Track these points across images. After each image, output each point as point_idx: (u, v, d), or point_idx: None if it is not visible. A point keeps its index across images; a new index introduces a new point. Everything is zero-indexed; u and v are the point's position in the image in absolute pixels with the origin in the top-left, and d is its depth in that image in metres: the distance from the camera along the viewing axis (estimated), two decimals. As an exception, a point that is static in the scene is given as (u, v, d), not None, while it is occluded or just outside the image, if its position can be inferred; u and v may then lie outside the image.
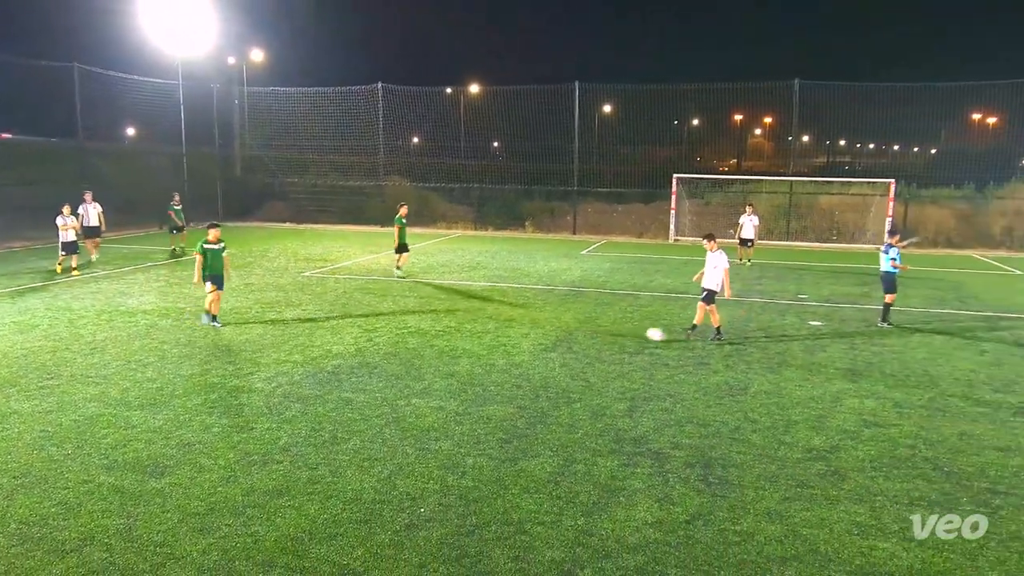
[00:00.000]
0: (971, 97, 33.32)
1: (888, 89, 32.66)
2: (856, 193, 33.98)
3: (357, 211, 36.77)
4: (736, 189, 36.00)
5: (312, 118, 37.13)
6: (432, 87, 36.63)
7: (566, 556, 6.25)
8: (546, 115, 34.57)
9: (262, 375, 11.16)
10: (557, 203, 36.34)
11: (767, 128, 48.95)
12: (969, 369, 12.17)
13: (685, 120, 40.46)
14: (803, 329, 15.00)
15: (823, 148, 52.27)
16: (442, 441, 8.67)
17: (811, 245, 31.31)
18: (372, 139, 36.50)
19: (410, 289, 18.81)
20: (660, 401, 10.25)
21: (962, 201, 33.27)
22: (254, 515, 6.84)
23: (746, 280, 21.20)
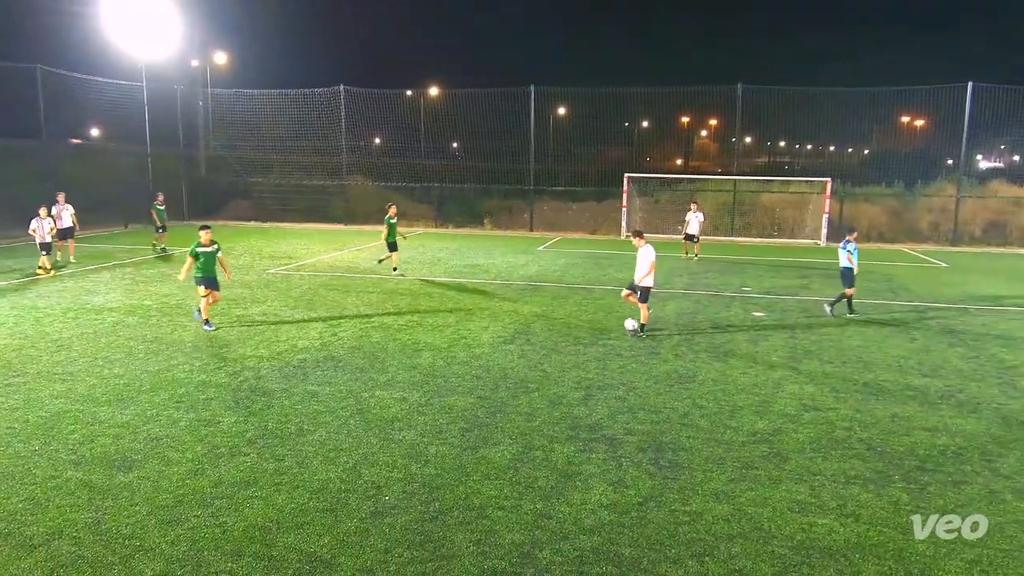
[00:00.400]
0: (900, 101, 34.14)
1: (824, 93, 33.28)
2: (795, 191, 34.59)
3: (321, 210, 36.46)
4: (684, 188, 36.38)
5: (275, 119, 36.59)
6: (392, 89, 36.36)
7: (526, 539, 6.27)
8: (503, 117, 34.56)
9: (229, 370, 10.99)
10: (514, 201, 36.39)
11: (712, 130, 49.53)
12: (900, 355, 12.49)
13: (635, 122, 40.75)
14: (747, 320, 15.25)
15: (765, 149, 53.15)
16: (406, 431, 8.63)
17: (754, 240, 31.81)
18: (335, 140, 36.10)
19: (373, 285, 18.67)
20: (614, 390, 10.33)
21: (892, 199, 34.11)
22: (222, 506, 6.74)
23: (694, 274, 21.47)
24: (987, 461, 8.07)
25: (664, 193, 36.04)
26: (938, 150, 35.01)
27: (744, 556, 6.07)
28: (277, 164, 38.27)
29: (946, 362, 12.12)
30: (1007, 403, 10.04)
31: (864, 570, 5.90)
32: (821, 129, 37.84)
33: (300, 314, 14.96)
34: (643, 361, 11.84)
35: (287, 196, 37.11)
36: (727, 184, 34.43)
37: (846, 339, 13.59)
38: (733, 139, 35.58)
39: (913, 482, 7.51)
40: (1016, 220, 31.76)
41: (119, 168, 34.14)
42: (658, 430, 8.81)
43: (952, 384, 10.89)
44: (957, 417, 9.46)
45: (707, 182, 36.84)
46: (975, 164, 40.74)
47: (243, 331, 13.42)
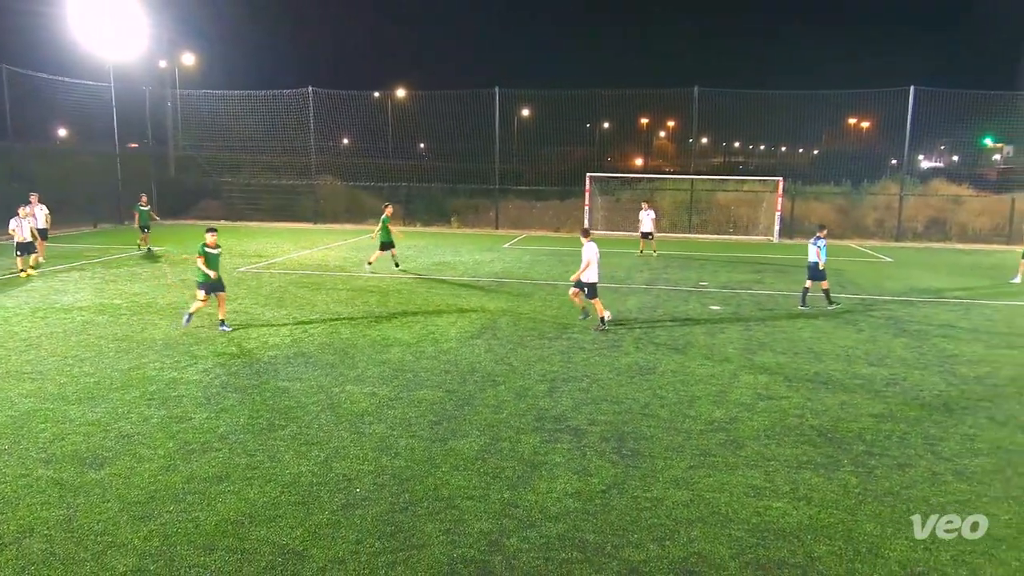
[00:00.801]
0: (848, 104, 34.84)
1: (777, 96, 33.76)
2: (749, 190, 35.05)
3: (290, 209, 36.05)
4: (643, 187, 36.66)
5: (244, 120, 36.00)
6: (360, 91, 36.08)
7: (493, 527, 6.28)
8: (469, 118, 34.48)
9: (200, 367, 10.81)
10: (480, 200, 36.34)
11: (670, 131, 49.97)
12: (848, 346, 12.74)
13: (597, 123, 40.96)
14: (704, 313, 15.42)
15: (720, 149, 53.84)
16: (376, 425, 8.58)
17: (710, 237, 32.16)
18: (303, 140, 35.68)
19: (343, 282, 18.51)
20: (578, 382, 10.38)
21: (840, 197, 34.75)
22: (194, 501, 6.63)
23: (654, 270, 21.66)
24: (929, 445, 8.27)
25: (625, 192, 36.28)
26: (883, 151, 35.81)
27: (703, 539, 6.15)
28: (246, 164, 37.74)
29: (891, 352, 12.40)
30: (947, 390, 10.31)
31: (816, 550, 6.02)
32: (773, 130, 38.41)
33: (270, 312, 14.77)
34: (605, 354, 11.91)
35: (256, 195, 36.59)
36: (684, 183, 34.78)
37: (797, 331, 13.82)
38: (690, 140, 35.97)
39: (861, 466, 7.67)
40: (955, 217, 32.59)
41: (87, 168, 33.35)
42: (620, 420, 8.88)
43: (897, 372, 11.15)
44: (902, 404, 9.68)
45: (665, 181, 37.16)
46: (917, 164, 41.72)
47: (214, 329, 13.21)
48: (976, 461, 7.84)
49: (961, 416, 9.24)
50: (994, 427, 8.87)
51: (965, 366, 11.55)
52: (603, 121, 40.91)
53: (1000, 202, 32.44)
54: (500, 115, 33.91)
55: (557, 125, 36.29)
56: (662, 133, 52.31)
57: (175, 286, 17.40)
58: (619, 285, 18.77)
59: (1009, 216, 31.09)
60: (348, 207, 36.68)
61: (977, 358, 12.04)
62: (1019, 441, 8.43)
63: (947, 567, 5.80)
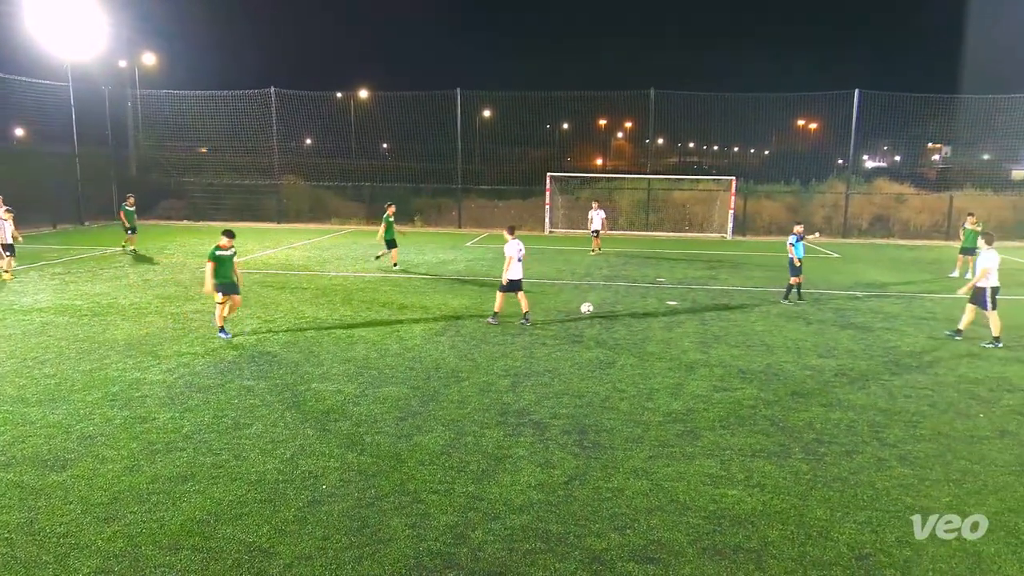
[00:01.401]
0: (797, 106, 35.50)
1: (729, 98, 34.27)
2: (704, 189, 35.51)
3: (254, 208, 35.44)
4: (603, 186, 36.89)
5: (207, 120, 35.27)
6: (323, 92, 35.67)
7: (459, 520, 6.27)
8: (431, 119, 34.32)
9: (163, 367, 10.58)
10: (443, 199, 36.21)
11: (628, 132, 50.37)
12: (798, 338, 12.99)
13: (556, 124, 41.08)
14: (662, 308, 15.59)
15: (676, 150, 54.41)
16: (341, 422, 8.50)
17: (667, 235, 32.50)
18: (266, 140, 35.12)
19: (307, 281, 18.28)
20: (540, 376, 10.41)
21: (790, 195, 35.40)
22: (159, 501, 6.50)
23: (613, 267, 21.82)
24: (875, 432, 8.48)
25: (585, 191, 36.46)
26: (830, 151, 36.62)
27: (662, 527, 6.22)
28: (209, 164, 37.04)
29: (838, 344, 12.68)
30: (891, 379, 10.58)
31: (769, 534, 6.13)
32: (726, 131, 38.94)
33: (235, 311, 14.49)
34: (567, 349, 11.97)
35: (219, 195, 35.92)
36: (642, 183, 35.08)
37: (751, 324, 14.05)
38: (647, 140, 36.26)
39: (811, 453, 7.84)
40: (898, 214, 33.46)
41: (46, 169, 32.37)
42: (581, 413, 8.93)
43: (844, 363, 11.40)
44: (849, 393, 9.91)
45: (624, 181, 37.43)
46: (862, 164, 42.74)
47: (177, 329, 12.94)
48: (918, 447, 8.07)
49: (904, 404, 9.49)
50: (935, 414, 9.13)
51: (908, 356, 11.87)
52: (563, 122, 41.07)
53: (939, 200, 33.43)
54: (462, 116, 33.81)
55: (518, 126, 36.32)
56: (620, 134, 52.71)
57: (137, 286, 16.99)
58: (579, 282, 18.88)
59: (947, 213, 32.01)
60: (312, 207, 36.26)
61: (919, 349, 12.37)
62: (958, 427, 8.69)
63: (892, 548, 5.96)
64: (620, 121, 47.34)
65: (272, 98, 34.39)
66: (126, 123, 37.54)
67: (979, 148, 40.20)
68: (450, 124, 33.96)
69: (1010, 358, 11.84)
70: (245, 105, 34.77)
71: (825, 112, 34.91)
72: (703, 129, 39.60)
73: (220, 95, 34.95)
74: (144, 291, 16.45)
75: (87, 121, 33.40)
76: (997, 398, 9.80)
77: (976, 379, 10.63)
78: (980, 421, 8.91)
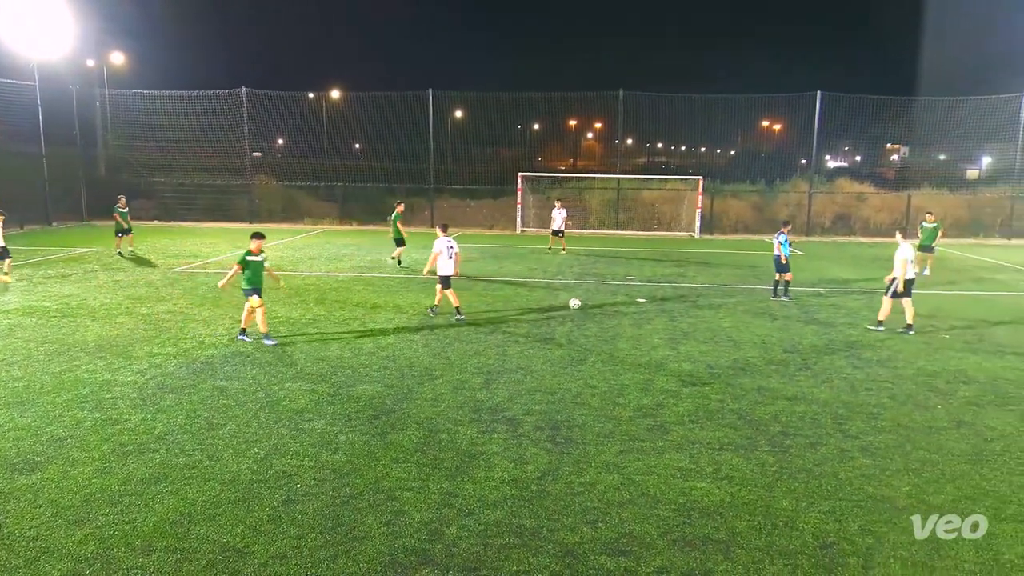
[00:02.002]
0: (761, 107, 35.97)
1: (696, 99, 34.58)
2: (672, 188, 35.80)
3: (225, 208, 34.96)
4: (573, 186, 37.02)
5: (177, 120, 34.69)
6: (295, 92, 35.30)
7: (433, 516, 6.26)
8: (403, 119, 34.17)
9: (134, 368, 10.40)
10: (416, 199, 36.03)
11: (597, 132, 50.57)
12: (764, 334, 13.17)
13: (527, 124, 41.13)
14: (632, 306, 15.69)
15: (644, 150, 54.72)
16: (315, 421, 8.43)
17: (636, 234, 32.72)
18: (238, 140, 34.66)
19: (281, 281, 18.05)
20: (512, 374, 10.43)
21: (755, 194, 35.86)
22: (131, 503, 6.39)
23: (583, 265, 21.91)
24: (838, 424, 8.63)
25: (555, 190, 36.55)
26: (793, 151, 37.17)
27: (633, 520, 6.27)
28: (179, 164, 36.40)
29: (803, 339, 12.87)
30: (854, 373, 10.77)
31: (737, 525, 6.21)
32: (693, 132, 39.32)
33: (206, 312, 14.31)
34: (539, 346, 12.00)
35: (190, 195, 35.36)
36: (611, 182, 35.26)
37: (718, 320, 14.21)
38: (616, 141, 36.45)
39: (777, 446, 7.95)
40: (859, 213, 34.07)
41: (12, 169, 31.58)
42: (554, 409, 8.96)
43: (808, 358, 11.58)
44: (813, 387, 10.07)
45: (594, 180, 37.59)
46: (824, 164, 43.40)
47: (149, 329, 12.73)
48: (879, 438, 8.23)
49: (866, 397, 9.67)
50: (895, 405, 9.32)
51: (868, 350, 12.09)
52: (533, 122, 41.13)
53: (898, 199, 34.12)
54: (434, 116, 33.70)
55: (489, 126, 36.32)
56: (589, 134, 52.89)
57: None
58: (551, 280, 18.93)
59: (906, 212, 32.65)
60: (284, 206, 35.88)
61: (879, 343, 12.61)
62: (917, 418, 8.88)
63: (855, 536, 6.07)
64: (590, 121, 47.52)
65: (243, 98, 33.96)
66: (95, 123, 36.80)
67: (935, 149, 41.10)
68: (422, 124, 33.84)
69: (966, 351, 12.12)
70: (216, 105, 34.29)
71: (789, 113, 35.46)
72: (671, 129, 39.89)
73: (190, 95, 34.42)
74: (114, 292, 16.15)
75: (55, 121, 32.71)
76: (954, 390, 10.03)
77: (934, 372, 10.87)
78: (938, 412, 9.11)
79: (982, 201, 34.00)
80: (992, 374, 10.79)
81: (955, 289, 18.50)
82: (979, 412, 9.12)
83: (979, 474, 7.30)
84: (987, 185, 36.96)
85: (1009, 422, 8.78)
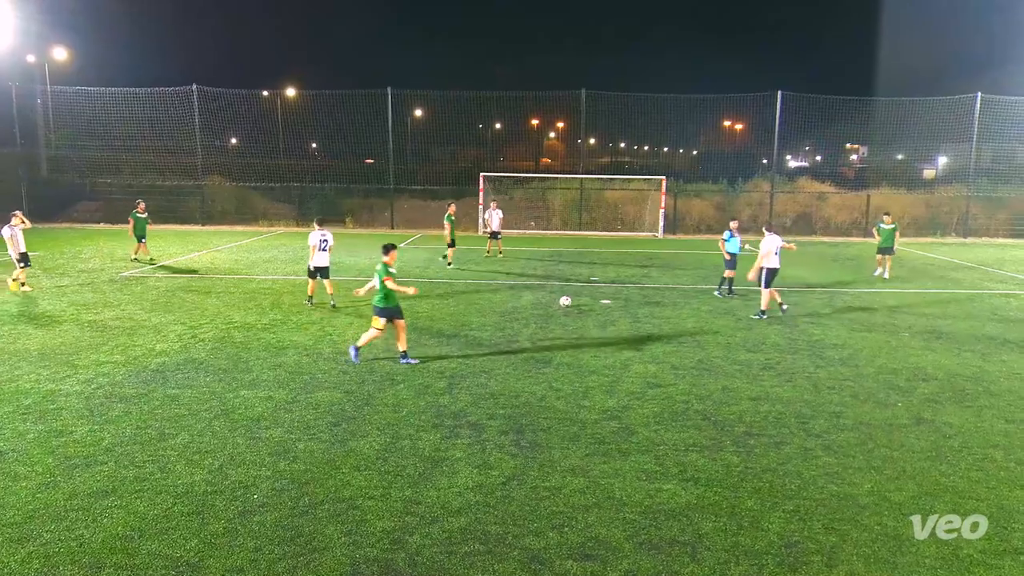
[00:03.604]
0: (723, 107, 36.56)
1: (658, 99, 34.98)
2: (635, 188, 36.13)
3: (176, 210, 34.19)
4: (536, 186, 37.14)
5: (124, 118, 33.87)
6: (249, 89, 34.73)
7: (396, 525, 6.21)
8: (362, 118, 33.90)
9: (80, 377, 10.12)
10: (375, 200, 35.80)
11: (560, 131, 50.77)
12: (728, 334, 13.37)
13: (489, 124, 41.16)
14: (596, 307, 15.78)
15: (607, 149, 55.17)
16: (272, 429, 8.30)
17: (599, 234, 32.94)
18: (189, 140, 33.98)
19: (235, 285, 17.79)
20: (476, 377, 10.41)
21: (718, 194, 36.40)
22: (78, 518, 6.21)
23: (547, 266, 21.99)
24: (801, 423, 8.80)
25: (518, 191, 36.64)
26: (755, 151, 37.89)
27: (599, 524, 6.30)
28: (127, 164, 35.56)
29: (766, 339, 13.10)
30: (816, 372, 11.00)
31: (703, 527, 6.29)
32: (656, 132, 39.79)
33: (157, 317, 14.01)
34: (502, 349, 12.00)
35: (139, 197, 34.50)
36: (574, 182, 35.46)
37: (682, 321, 14.38)
38: (579, 140, 36.68)
39: (742, 446, 8.08)
40: (820, 212, 34.82)
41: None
42: (518, 413, 8.97)
43: (771, 357, 11.79)
44: (776, 386, 10.25)
45: (557, 180, 37.76)
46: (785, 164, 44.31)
47: (95, 337, 12.40)
48: (842, 436, 8.41)
49: (828, 395, 9.88)
50: (856, 404, 9.54)
51: (830, 349, 12.36)
52: (495, 122, 41.19)
53: (857, 198, 34.96)
54: (393, 115, 33.51)
55: (450, 125, 36.24)
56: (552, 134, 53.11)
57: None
58: (514, 282, 18.95)
59: (865, 211, 33.50)
60: (238, 207, 35.29)
61: (840, 342, 12.90)
62: (878, 416, 9.10)
63: (819, 534, 6.20)
64: (552, 121, 47.73)
65: (194, 96, 33.34)
66: (36, 122, 35.77)
67: (893, 148, 42.25)
68: (381, 123, 33.61)
69: (925, 349, 12.47)
70: (165, 103, 33.59)
71: (750, 113, 36.17)
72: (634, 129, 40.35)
73: (138, 92, 33.65)
74: (57, 298, 15.71)
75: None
76: (913, 387, 10.30)
77: (894, 369, 11.15)
78: (898, 410, 9.35)
79: (939, 200, 35.02)
80: (950, 371, 11.12)
81: (914, 287, 19.01)
82: (938, 409, 9.39)
83: (938, 471, 7.51)
84: (944, 184, 38.10)
85: (966, 419, 9.06)
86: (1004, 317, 15.27)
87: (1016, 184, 35.02)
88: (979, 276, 21.30)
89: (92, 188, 34.99)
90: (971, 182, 33.54)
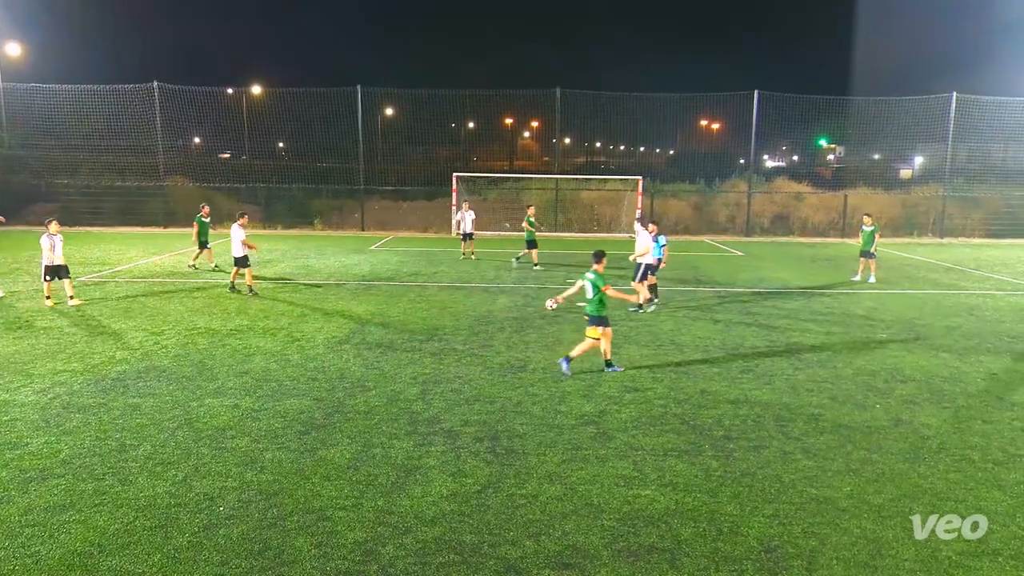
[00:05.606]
0: (699, 107, 36.90)
1: (634, 98, 35.23)
2: (611, 188, 36.33)
3: (136, 212, 33.71)
4: (510, 186, 37.20)
5: (82, 117, 33.31)
6: (213, 87, 34.33)
7: (368, 536, 6.17)
8: (331, 117, 33.71)
9: (35, 387, 9.92)
10: (345, 201, 35.58)
11: (535, 131, 50.88)
12: (706, 336, 13.48)
13: (462, 123, 41.12)
14: (572, 311, 15.80)
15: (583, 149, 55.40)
16: (239, 439, 8.20)
17: (575, 235, 33.06)
18: (150, 139, 33.51)
19: (199, 290, 17.57)
20: (450, 383, 10.38)
21: (695, 195, 36.75)
22: (34, 534, 6.08)
23: (522, 268, 22.01)
24: (780, 426, 8.90)
25: (492, 191, 36.66)
26: (732, 151, 38.32)
27: (577, 531, 6.31)
28: (85, 164, 34.96)
29: (744, 340, 13.23)
30: (795, 374, 11.13)
31: (682, 533, 6.32)
32: (632, 131, 40.06)
33: (117, 324, 13.78)
34: (477, 354, 11.98)
35: (98, 198, 33.99)
36: (550, 183, 35.57)
37: (659, 323, 14.48)
38: (554, 140, 36.80)
39: (721, 450, 8.14)
40: (797, 212, 35.29)
41: None
42: (494, 419, 8.96)
43: (750, 360, 11.91)
44: (755, 389, 10.36)
45: (532, 180, 37.86)
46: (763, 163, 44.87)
47: (52, 344, 12.17)
48: (821, 439, 8.52)
49: (807, 398, 10.00)
50: (835, 406, 9.67)
51: (808, 351, 12.51)
52: (468, 121, 41.15)
53: (835, 198, 35.52)
54: (363, 114, 33.34)
55: (422, 125, 36.18)
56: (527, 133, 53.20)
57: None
58: (488, 285, 18.94)
59: (842, 211, 34.03)
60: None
61: (818, 343, 13.07)
62: (856, 418, 9.23)
63: (799, 539, 6.26)
64: (527, 120, 47.82)
65: (155, 93, 32.90)
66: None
67: (870, 148, 42.97)
68: (351, 122, 33.42)
69: (903, 350, 12.68)
70: (125, 101, 33.12)
71: (727, 113, 36.54)
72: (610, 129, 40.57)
73: (97, 89, 33.15)
74: (11, 304, 15.38)
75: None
76: (891, 389, 10.47)
77: (872, 371, 11.32)
78: (877, 412, 9.50)
79: (916, 200, 35.67)
80: (928, 372, 11.32)
81: (891, 288, 19.34)
82: (916, 410, 9.55)
83: (917, 472, 7.63)
84: (920, 184, 38.82)
85: (944, 420, 9.22)
86: (981, 317, 15.59)
87: (991, 184, 35.79)
88: (956, 276, 21.73)
89: (48, 189, 34.35)
90: (947, 182, 34.22)
